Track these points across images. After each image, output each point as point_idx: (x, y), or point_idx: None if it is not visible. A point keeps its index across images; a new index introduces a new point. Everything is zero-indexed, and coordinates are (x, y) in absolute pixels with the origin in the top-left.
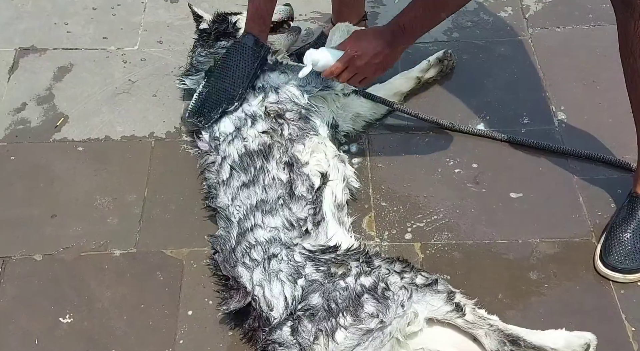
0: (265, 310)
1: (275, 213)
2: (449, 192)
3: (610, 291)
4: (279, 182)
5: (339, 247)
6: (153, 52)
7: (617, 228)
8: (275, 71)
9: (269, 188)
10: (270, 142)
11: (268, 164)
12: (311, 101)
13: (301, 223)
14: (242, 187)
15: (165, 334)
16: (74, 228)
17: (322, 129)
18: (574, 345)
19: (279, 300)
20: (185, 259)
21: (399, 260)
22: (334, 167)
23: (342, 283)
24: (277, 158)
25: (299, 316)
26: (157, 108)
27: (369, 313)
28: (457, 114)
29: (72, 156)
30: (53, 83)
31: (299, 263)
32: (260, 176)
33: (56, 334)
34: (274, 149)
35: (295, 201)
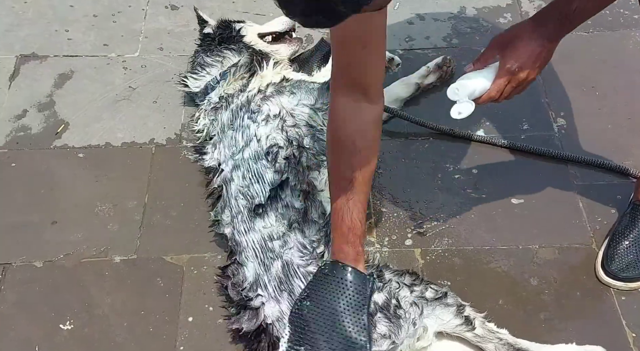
0: (278, 333)
1: (289, 239)
2: (449, 198)
3: (610, 298)
4: (292, 209)
5: None
6: (153, 59)
7: (619, 236)
8: (283, 94)
9: (283, 217)
10: (288, 170)
11: (282, 192)
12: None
13: (314, 245)
14: (254, 216)
15: (165, 340)
16: (75, 234)
17: None
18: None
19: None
20: (185, 266)
21: (409, 273)
22: None
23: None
24: (292, 185)
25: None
26: (157, 115)
27: (382, 333)
28: (457, 120)
29: (73, 163)
30: (54, 90)
31: None
32: (273, 204)
33: (56, 341)
34: (290, 177)
35: (308, 226)
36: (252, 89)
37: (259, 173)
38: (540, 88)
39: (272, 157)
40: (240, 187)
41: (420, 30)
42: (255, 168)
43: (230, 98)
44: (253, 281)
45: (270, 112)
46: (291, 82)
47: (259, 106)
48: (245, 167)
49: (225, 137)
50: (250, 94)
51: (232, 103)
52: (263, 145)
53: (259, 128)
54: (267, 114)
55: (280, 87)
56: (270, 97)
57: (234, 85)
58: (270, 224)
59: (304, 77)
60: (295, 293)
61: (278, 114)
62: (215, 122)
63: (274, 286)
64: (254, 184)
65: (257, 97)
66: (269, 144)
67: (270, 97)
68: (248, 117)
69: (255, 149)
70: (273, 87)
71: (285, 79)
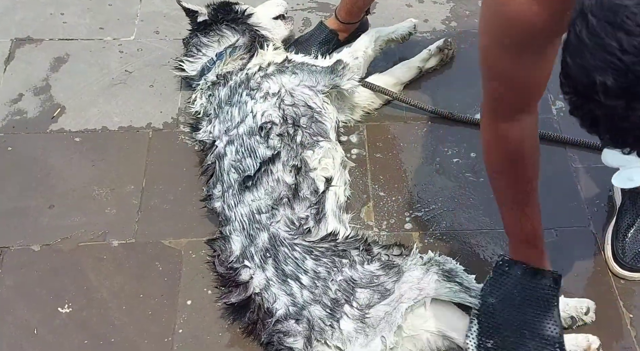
0: (267, 303)
1: (277, 213)
2: (448, 181)
3: (608, 279)
4: (283, 184)
5: (337, 234)
6: (150, 43)
7: (624, 225)
8: (285, 73)
9: (273, 191)
10: (281, 146)
11: (273, 166)
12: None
13: (302, 221)
14: (244, 189)
15: (164, 323)
16: (72, 218)
17: (332, 132)
18: (576, 309)
19: (281, 295)
20: (184, 250)
21: (397, 245)
22: (338, 172)
23: (348, 271)
24: (284, 161)
25: (304, 306)
26: (154, 99)
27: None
28: (455, 104)
29: (70, 147)
30: (49, 74)
31: (298, 258)
32: (263, 178)
33: (55, 324)
34: (282, 153)
35: (298, 202)
36: (253, 66)
37: (252, 148)
38: None
39: (265, 133)
40: (233, 161)
41: (419, 13)
42: (249, 143)
43: (229, 75)
44: (239, 254)
45: (269, 90)
46: (293, 63)
47: (258, 83)
48: (239, 142)
49: (222, 112)
50: (250, 71)
51: (231, 80)
52: (258, 121)
53: (256, 104)
54: (267, 91)
55: (282, 67)
56: (271, 75)
57: (232, 64)
58: (259, 198)
59: (307, 60)
60: (280, 258)
61: (277, 93)
62: (212, 98)
63: (260, 256)
64: (246, 158)
65: (258, 75)
66: (264, 120)
67: (271, 75)
68: (247, 94)
69: (250, 124)
70: (275, 66)
71: (288, 59)
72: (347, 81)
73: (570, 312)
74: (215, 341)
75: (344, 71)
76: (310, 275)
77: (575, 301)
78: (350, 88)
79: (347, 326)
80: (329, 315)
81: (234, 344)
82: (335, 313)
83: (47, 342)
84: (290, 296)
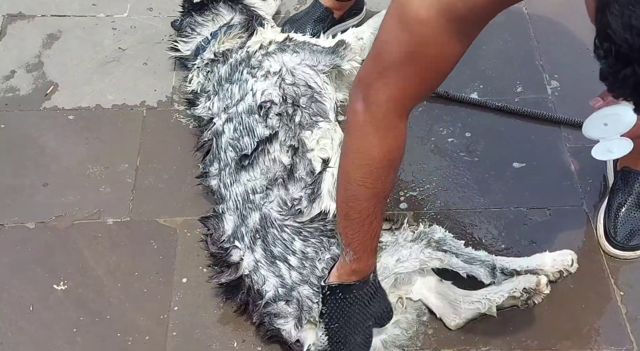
0: (257, 285)
1: (271, 193)
2: (442, 161)
3: (599, 258)
4: (279, 164)
5: (327, 213)
6: (143, 20)
7: (615, 204)
8: (286, 52)
9: (268, 171)
10: (279, 125)
11: (270, 146)
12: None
13: (295, 202)
14: (240, 168)
15: (160, 301)
16: (66, 196)
17: (331, 113)
18: (562, 264)
19: (270, 277)
20: (179, 228)
21: (386, 220)
22: (337, 153)
23: (336, 249)
24: (281, 140)
25: (293, 287)
26: (148, 77)
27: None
28: (451, 83)
29: (63, 125)
30: (42, 51)
31: (287, 240)
32: (260, 157)
33: (51, 301)
34: (280, 132)
35: (293, 183)
36: (253, 44)
37: (250, 126)
38: (534, 50)
39: (263, 112)
40: (231, 139)
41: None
42: (247, 121)
43: (229, 53)
44: (231, 234)
45: (270, 68)
46: (295, 42)
47: (259, 61)
48: (238, 121)
49: (222, 90)
50: (251, 49)
51: (231, 58)
52: (257, 99)
53: (257, 83)
54: (267, 70)
55: (283, 46)
56: (272, 53)
57: (230, 42)
58: (254, 178)
59: (309, 39)
60: (269, 240)
61: (278, 72)
62: (211, 75)
63: (250, 237)
64: (244, 137)
65: (259, 53)
66: (264, 99)
67: (272, 53)
68: (247, 72)
69: (249, 103)
70: (276, 44)
71: (290, 38)
72: (348, 62)
73: (558, 267)
74: (210, 319)
75: (345, 52)
76: (298, 256)
77: (559, 256)
78: (350, 69)
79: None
80: (316, 293)
81: (229, 321)
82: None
83: (43, 319)
84: (279, 277)
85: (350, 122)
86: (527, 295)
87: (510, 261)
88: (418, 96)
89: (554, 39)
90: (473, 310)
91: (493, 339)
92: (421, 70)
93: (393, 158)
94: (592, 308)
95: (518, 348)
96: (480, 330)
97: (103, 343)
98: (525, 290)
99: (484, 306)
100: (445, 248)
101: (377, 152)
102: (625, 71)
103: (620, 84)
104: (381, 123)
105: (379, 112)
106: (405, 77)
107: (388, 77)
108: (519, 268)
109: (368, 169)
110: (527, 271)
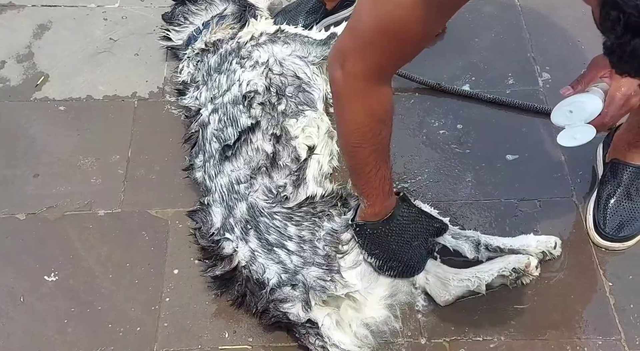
0: (257, 274)
1: (255, 182)
2: (434, 153)
3: (589, 249)
4: (262, 153)
5: (315, 196)
6: (134, 10)
7: (605, 196)
8: (277, 43)
9: (251, 160)
10: (261, 115)
11: (253, 135)
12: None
13: (280, 189)
14: (223, 159)
15: (151, 292)
16: (57, 187)
17: (319, 102)
18: (545, 245)
19: (270, 264)
20: (170, 219)
21: None
22: (323, 141)
23: (328, 224)
24: (264, 129)
25: (297, 270)
26: (139, 68)
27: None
28: (443, 75)
29: (54, 116)
30: (32, 41)
31: (280, 226)
32: (243, 147)
33: (42, 292)
34: (262, 122)
35: (277, 170)
36: (244, 35)
37: (234, 117)
38: (526, 42)
39: (247, 102)
40: (215, 130)
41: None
42: (232, 112)
43: (220, 43)
44: (220, 226)
45: (259, 59)
46: (286, 34)
47: (249, 52)
48: (223, 111)
49: (211, 80)
50: (242, 40)
51: (222, 48)
52: (243, 89)
53: (244, 73)
54: (256, 60)
55: (274, 37)
56: (262, 44)
57: (222, 33)
58: (238, 168)
59: (301, 31)
60: (261, 229)
61: (266, 62)
62: (201, 65)
63: (240, 228)
64: (227, 128)
65: (249, 44)
66: (248, 89)
67: (262, 44)
68: (237, 62)
69: (235, 93)
70: (267, 36)
71: (281, 30)
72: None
73: (541, 248)
74: (201, 310)
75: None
76: (295, 241)
77: (544, 238)
78: None
79: (348, 274)
80: (326, 272)
81: (220, 313)
82: (333, 267)
83: (34, 310)
84: (279, 264)
85: (333, 92)
86: (516, 275)
87: (495, 238)
88: (395, 66)
89: (546, 31)
90: (462, 287)
91: (483, 329)
92: (396, 45)
93: (381, 119)
94: (581, 299)
95: (508, 338)
96: (471, 320)
97: (94, 333)
98: (514, 270)
99: (473, 284)
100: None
101: (362, 117)
102: (635, 41)
103: (629, 57)
104: (361, 90)
105: (357, 80)
106: (381, 51)
107: (364, 50)
108: (503, 245)
109: (359, 133)
110: (511, 250)
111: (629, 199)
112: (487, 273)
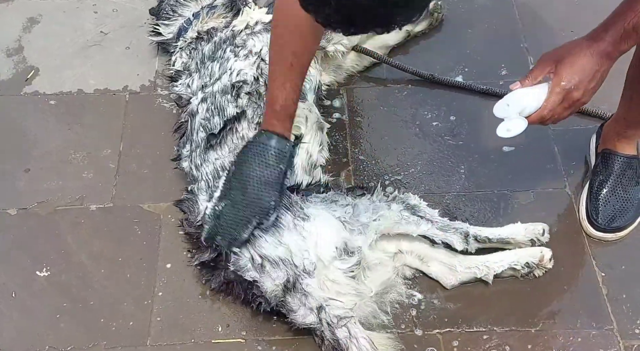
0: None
1: None
2: (427, 145)
3: (582, 239)
4: (246, 141)
5: (300, 184)
6: (125, 3)
7: (597, 187)
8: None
9: (236, 148)
10: (247, 104)
11: (239, 124)
12: None
13: None
14: (208, 148)
15: (144, 286)
16: (48, 182)
17: (309, 94)
18: (533, 233)
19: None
20: (162, 214)
21: (358, 187)
22: (311, 131)
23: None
24: (249, 118)
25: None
26: (130, 61)
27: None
28: (436, 66)
29: (45, 110)
30: (22, 34)
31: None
32: (228, 136)
33: (34, 287)
34: (248, 111)
35: None
36: (239, 24)
37: (222, 106)
38: (519, 33)
39: (235, 92)
40: (202, 120)
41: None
42: (220, 101)
43: (214, 31)
44: (205, 213)
45: (254, 48)
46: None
47: (244, 40)
48: (211, 100)
49: (204, 67)
50: (237, 29)
51: (216, 36)
52: (233, 79)
53: (237, 62)
54: (250, 49)
55: (269, 26)
56: (257, 33)
57: (214, 22)
58: (222, 156)
59: None
60: None
61: (259, 51)
62: (195, 52)
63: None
64: (214, 117)
65: (244, 32)
66: (237, 79)
67: (257, 33)
68: (230, 50)
69: (225, 82)
70: (262, 25)
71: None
72: (333, 45)
73: (530, 235)
74: (194, 304)
75: (331, 35)
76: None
77: (531, 225)
78: (334, 51)
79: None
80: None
81: (213, 307)
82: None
83: (26, 305)
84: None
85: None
86: (528, 269)
87: (483, 229)
88: None
89: (539, 22)
90: (470, 273)
91: (476, 320)
92: None
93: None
94: (574, 289)
95: (501, 328)
96: (464, 312)
97: (86, 329)
98: (527, 265)
99: (481, 272)
100: (420, 214)
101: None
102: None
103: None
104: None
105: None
106: None
107: None
108: (492, 235)
109: (298, 31)
110: (499, 239)
111: (620, 190)
112: (498, 264)
